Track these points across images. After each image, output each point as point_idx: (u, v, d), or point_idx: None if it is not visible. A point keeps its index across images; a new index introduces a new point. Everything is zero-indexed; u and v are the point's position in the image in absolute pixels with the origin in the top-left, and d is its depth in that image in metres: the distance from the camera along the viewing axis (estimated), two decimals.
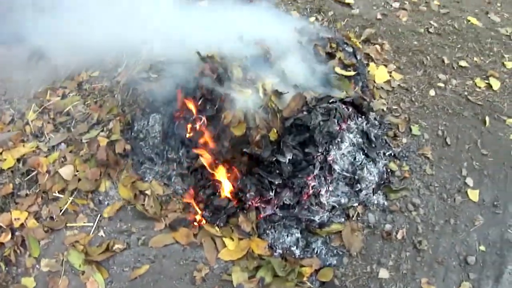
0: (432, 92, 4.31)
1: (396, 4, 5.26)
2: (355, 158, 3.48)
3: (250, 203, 3.31)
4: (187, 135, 3.48)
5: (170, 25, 3.82)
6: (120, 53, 4.15)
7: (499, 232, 3.47)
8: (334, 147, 3.38)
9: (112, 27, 4.02)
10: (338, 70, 3.79)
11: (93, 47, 4.01)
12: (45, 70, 4.28)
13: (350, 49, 4.28)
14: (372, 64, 4.41)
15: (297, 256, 3.24)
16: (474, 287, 3.21)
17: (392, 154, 3.76)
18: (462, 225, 3.49)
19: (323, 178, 3.35)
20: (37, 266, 3.16)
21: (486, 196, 3.66)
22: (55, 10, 4.46)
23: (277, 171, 3.29)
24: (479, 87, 4.43)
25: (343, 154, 3.42)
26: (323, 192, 3.34)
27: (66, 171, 3.52)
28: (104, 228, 3.32)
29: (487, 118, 4.13)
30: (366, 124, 3.66)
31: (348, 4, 5.23)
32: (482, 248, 3.38)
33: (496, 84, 4.46)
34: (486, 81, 4.49)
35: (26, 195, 3.45)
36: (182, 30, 3.70)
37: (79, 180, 3.50)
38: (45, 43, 4.32)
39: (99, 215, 3.37)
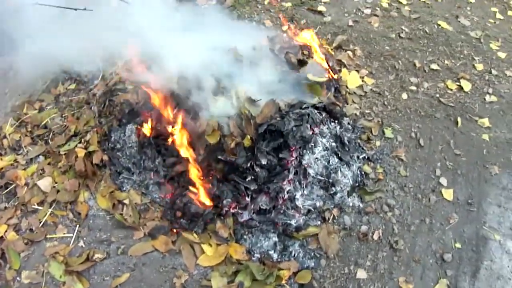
0: (404, 96, 4.38)
1: (368, 11, 5.35)
2: (329, 162, 3.53)
3: (227, 209, 3.35)
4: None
5: (144, 35, 3.85)
6: (96, 65, 4.19)
7: (474, 229, 3.54)
8: (308, 152, 3.43)
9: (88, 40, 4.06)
10: (310, 76, 3.84)
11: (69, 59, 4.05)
12: (22, 83, 4.30)
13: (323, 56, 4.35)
14: (344, 69, 4.48)
15: (275, 260, 3.27)
16: (451, 284, 3.26)
17: (366, 157, 3.82)
18: (437, 224, 3.55)
19: (298, 182, 3.40)
20: (17, 278, 3.15)
21: (460, 194, 3.73)
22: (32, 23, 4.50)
23: (253, 177, 3.34)
24: (451, 89, 4.52)
25: (316, 158, 3.47)
26: (298, 196, 3.39)
27: (44, 183, 3.53)
28: (84, 238, 3.33)
29: (459, 119, 4.21)
30: (339, 129, 3.72)
31: (320, 12, 5.30)
32: (458, 245, 3.44)
33: (467, 86, 4.56)
34: (457, 83, 4.58)
35: (5, 208, 3.46)
36: (155, 39, 3.73)
37: (58, 191, 3.51)
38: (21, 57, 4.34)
39: (78, 225, 3.38)
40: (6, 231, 3.34)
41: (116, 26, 4.05)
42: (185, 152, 3.36)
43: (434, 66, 4.72)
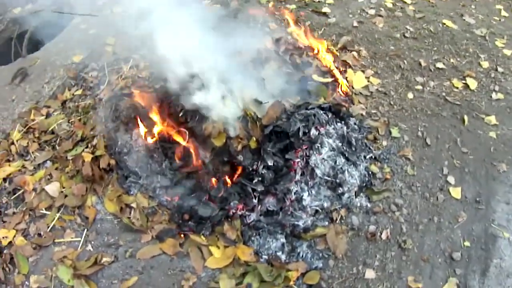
0: (410, 95, 4.38)
1: (372, 11, 5.35)
2: (335, 162, 3.52)
3: (234, 211, 3.36)
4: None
5: (150, 41, 3.87)
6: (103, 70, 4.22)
7: (482, 227, 3.52)
8: (315, 152, 3.43)
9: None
10: (315, 77, 3.85)
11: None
12: (28, 90, 4.33)
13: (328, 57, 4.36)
14: (349, 70, 4.48)
15: (283, 261, 3.25)
16: (461, 282, 3.24)
17: (373, 157, 3.82)
18: (446, 223, 3.53)
19: (305, 183, 3.41)
20: (26, 283, 3.16)
21: (468, 192, 3.71)
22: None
23: (259, 179, 3.34)
24: (457, 88, 4.51)
25: (323, 158, 3.47)
26: (305, 197, 3.39)
27: (52, 188, 3.54)
28: (92, 242, 3.33)
29: (465, 117, 4.20)
30: (345, 129, 3.71)
31: (325, 14, 5.31)
32: (467, 243, 3.42)
33: (473, 84, 4.54)
34: (463, 81, 4.57)
35: (13, 213, 3.47)
36: (160, 42, 3.75)
37: (66, 196, 3.52)
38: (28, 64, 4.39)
39: (86, 229, 3.40)
40: (14, 236, 3.35)
41: (122, 29, 4.09)
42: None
43: (439, 65, 4.71)
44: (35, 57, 4.70)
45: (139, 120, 3.60)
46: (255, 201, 3.35)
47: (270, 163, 3.30)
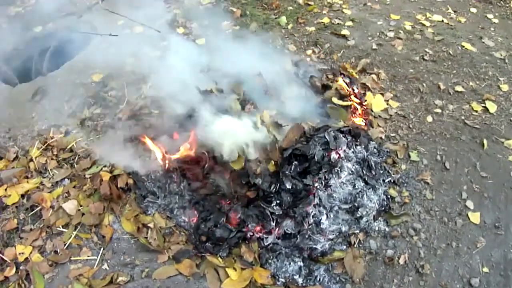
0: (429, 118, 4.35)
1: (391, 34, 5.35)
2: (354, 186, 3.51)
3: (252, 233, 3.34)
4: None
5: (170, 62, 3.90)
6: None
7: (502, 253, 3.48)
8: (334, 176, 3.42)
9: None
10: (335, 100, 3.84)
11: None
12: (48, 107, 4.36)
13: (347, 80, 4.35)
14: (369, 93, 4.48)
15: (300, 284, 3.25)
16: None
17: (392, 181, 3.80)
18: (464, 248, 3.49)
19: (323, 207, 3.39)
20: None
21: (487, 218, 3.67)
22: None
23: (278, 202, 3.33)
24: (476, 111, 4.47)
25: (342, 182, 3.46)
26: (324, 220, 3.37)
27: (69, 206, 3.56)
28: (108, 261, 3.33)
29: (485, 141, 4.16)
30: (364, 152, 3.70)
31: (344, 36, 5.32)
32: (485, 269, 3.38)
33: (492, 107, 4.51)
34: (483, 105, 4.54)
35: (31, 230, 3.48)
36: (182, 66, 3.77)
37: (83, 214, 3.53)
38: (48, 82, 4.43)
39: (102, 248, 3.39)
40: (31, 252, 3.35)
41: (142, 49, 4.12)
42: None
43: (458, 88, 4.69)
44: (56, 76, 4.74)
45: (157, 141, 3.61)
46: (273, 223, 3.34)
47: (288, 186, 3.29)
